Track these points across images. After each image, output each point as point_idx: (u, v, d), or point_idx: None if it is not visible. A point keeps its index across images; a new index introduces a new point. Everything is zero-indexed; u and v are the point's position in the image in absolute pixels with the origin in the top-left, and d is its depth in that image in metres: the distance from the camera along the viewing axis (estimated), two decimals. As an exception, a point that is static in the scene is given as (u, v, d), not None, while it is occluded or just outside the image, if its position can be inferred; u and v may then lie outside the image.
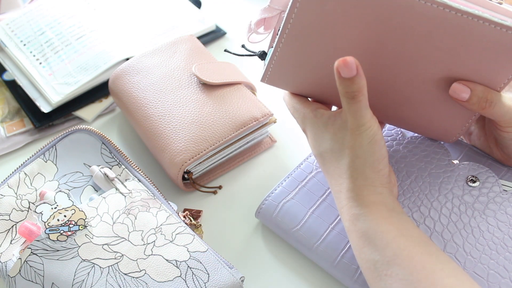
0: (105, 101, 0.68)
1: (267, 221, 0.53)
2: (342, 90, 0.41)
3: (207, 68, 0.61)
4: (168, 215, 0.49)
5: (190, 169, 0.55)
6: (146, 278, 0.44)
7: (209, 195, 0.58)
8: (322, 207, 0.51)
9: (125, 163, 0.53)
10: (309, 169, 0.54)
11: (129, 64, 0.62)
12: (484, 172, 0.50)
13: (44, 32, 0.71)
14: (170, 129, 0.55)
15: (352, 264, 0.47)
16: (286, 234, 0.51)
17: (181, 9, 0.77)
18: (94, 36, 0.70)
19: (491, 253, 0.45)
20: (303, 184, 0.53)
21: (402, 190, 0.50)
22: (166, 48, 0.64)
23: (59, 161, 0.54)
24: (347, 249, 0.48)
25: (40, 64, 0.68)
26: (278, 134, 0.63)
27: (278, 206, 0.52)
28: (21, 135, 0.65)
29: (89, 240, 0.46)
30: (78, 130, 0.55)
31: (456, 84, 0.43)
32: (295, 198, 0.52)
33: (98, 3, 0.75)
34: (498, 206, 0.48)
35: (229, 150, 0.57)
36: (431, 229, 0.47)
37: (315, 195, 0.52)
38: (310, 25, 0.42)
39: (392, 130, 0.55)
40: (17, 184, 0.52)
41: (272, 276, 0.51)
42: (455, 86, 0.43)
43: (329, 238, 0.49)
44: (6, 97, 0.69)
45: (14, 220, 0.50)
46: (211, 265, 0.46)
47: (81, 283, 0.44)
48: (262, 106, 0.58)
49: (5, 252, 0.47)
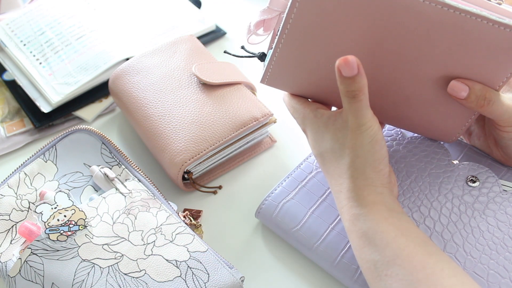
0: (105, 101, 0.68)
1: (267, 221, 0.53)
2: (343, 90, 0.41)
3: (207, 68, 0.61)
4: (168, 215, 0.49)
5: (190, 169, 0.55)
6: (146, 278, 0.44)
7: (209, 195, 0.58)
8: (322, 207, 0.51)
9: (125, 163, 0.53)
10: (309, 169, 0.54)
11: (129, 64, 0.62)
12: (484, 172, 0.50)
13: (44, 32, 0.71)
14: (170, 129, 0.55)
15: (352, 264, 0.47)
16: (286, 234, 0.51)
17: (181, 9, 0.77)
18: (94, 36, 0.70)
19: (491, 253, 0.45)
20: (303, 184, 0.53)
21: (402, 190, 0.50)
22: (166, 48, 0.64)
23: (59, 161, 0.54)
24: (347, 249, 0.48)
25: (40, 64, 0.68)
26: (278, 134, 0.63)
27: (278, 206, 0.52)
28: (21, 135, 0.65)
29: (89, 240, 0.46)
30: (78, 130, 0.55)
31: (454, 82, 0.43)
32: (295, 198, 0.52)
33: (98, 3, 0.75)
34: (498, 206, 0.48)
35: (229, 150, 0.57)
36: (431, 229, 0.47)
37: (315, 195, 0.52)
38: (310, 25, 0.42)
39: (392, 131, 0.55)
40: (17, 184, 0.52)
41: (272, 276, 0.51)
42: (453, 83, 0.43)
43: (329, 238, 0.49)
44: (6, 97, 0.69)
45: (14, 220, 0.50)
46: (211, 265, 0.46)
47: (81, 283, 0.44)
48: (262, 106, 0.58)
49: (5, 252, 0.47)
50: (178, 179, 0.54)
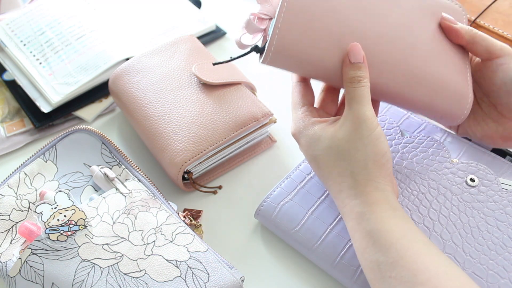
0: (105, 101, 0.68)
1: (266, 222, 0.53)
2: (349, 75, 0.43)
3: (207, 68, 0.61)
4: (168, 215, 0.49)
5: (190, 169, 0.55)
6: (146, 278, 0.45)
7: (209, 195, 0.58)
8: (320, 208, 0.51)
9: (125, 163, 0.53)
10: (307, 170, 0.54)
11: (129, 64, 0.62)
12: (483, 170, 0.50)
13: (44, 32, 0.71)
14: (170, 129, 0.55)
15: (351, 265, 0.47)
16: (285, 235, 0.51)
17: (181, 9, 0.77)
18: (94, 36, 0.70)
19: (490, 253, 0.45)
20: (302, 185, 0.53)
21: (401, 191, 0.50)
22: (166, 48, 0.64)
23: (59, 161, 0.54)
24: (346, 250, 0.48)
25: (40, 64, 0.68)
26: (278, 134, 0.63)
27: (277, 208, 0.52)
28: (21, 135, 0.65)
29: (89, 240, 0.46)
30: (78, 130, 0.55)
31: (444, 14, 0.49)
32: (293, 199, 0.52)
33: (98, 3, 0.75)
34: (497, 205, 0.48)
35: (229, 150, 0.57)
36: (430, 230, 0.47)
37: (314, 196, 0.52)
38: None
39: (391, 129, 0.55)
40: (17, 184, 0.52)
41: (272, 276, 0.51)
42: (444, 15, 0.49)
43: (328, 239, 0.49)
44: (6, 97, 0.69)
45: (14, 220, 0.50)
46: (211, 265, 0.46)
47: (81, 283, 0.44)
48: (262, 106, 0.58)
49: (5, 252, 0.47)
50: (178, 179, 0.54)
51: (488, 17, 0.63)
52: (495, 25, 0.62)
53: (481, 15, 0.63)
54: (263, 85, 0.68)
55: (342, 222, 0.50)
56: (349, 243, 0.48)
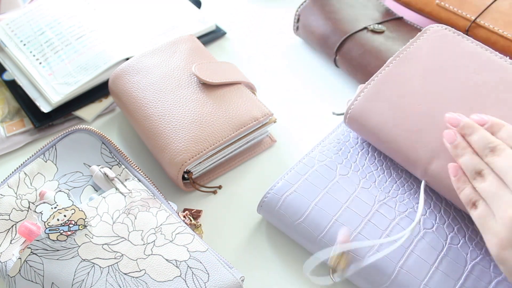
0: (105, 101, 0.68)
1: (269, 214, 0.52)
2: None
3: (207, 68, 0.61)
4: (168, 215, 0.49)
5: (190, 169, 0.55)
6: (146, 278, 0.44)
7: (209, 195, 0.58)
8: (325, 199, 0.51)
9: (125, 163, 0.53)
10: (311, 163, 0.54)
11: (129, 64, 0.62)
12: None
13: (44, 32, 0.71)
14: (170, 129, 0.55)
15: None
16: (289, 227, 0.51)
17: (181, 9, 0.77)
18: (94, 36, 0.70)
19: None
20: (306, 177, 0.53)
21: None
22: (166, 48, 0.64)
23: (59, 161, 0.54)
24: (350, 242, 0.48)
25: (40, 64, 0.68)
26: (278, 134, 0.63)
27: (281, 199, 0.52)
28: (21, 135, 0.65)
29: (89, 240, 0.46)
30: (78, 130, 0.55)
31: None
32: (297, 190, 0.52)
33: (98, 3, 0.75)
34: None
35: (229, 150, 0.57)
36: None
37: (317, 187, 0.52)
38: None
39: None
40: (17, 184, 0.52)
41: (272, 276, 0.51)
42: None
43: (332, 230, 0.49)
44: (6, 97, 0.69)
45: (14, 220, 0.50)
46: (211, 265, 0.46)
47: (81, 283, 0.44)
48: (262, 106, 0.58)
49: (5, 252, 0.47)
50: (178, 179, 0.54)
51: (488, 17, 0.63)
52: (495, 25, 0.62)
53: (481, 15, 0.63)
54: (263, 85, 0.68)
55: (347, 213, 0.49)
56: (353, 233, 0.48)
